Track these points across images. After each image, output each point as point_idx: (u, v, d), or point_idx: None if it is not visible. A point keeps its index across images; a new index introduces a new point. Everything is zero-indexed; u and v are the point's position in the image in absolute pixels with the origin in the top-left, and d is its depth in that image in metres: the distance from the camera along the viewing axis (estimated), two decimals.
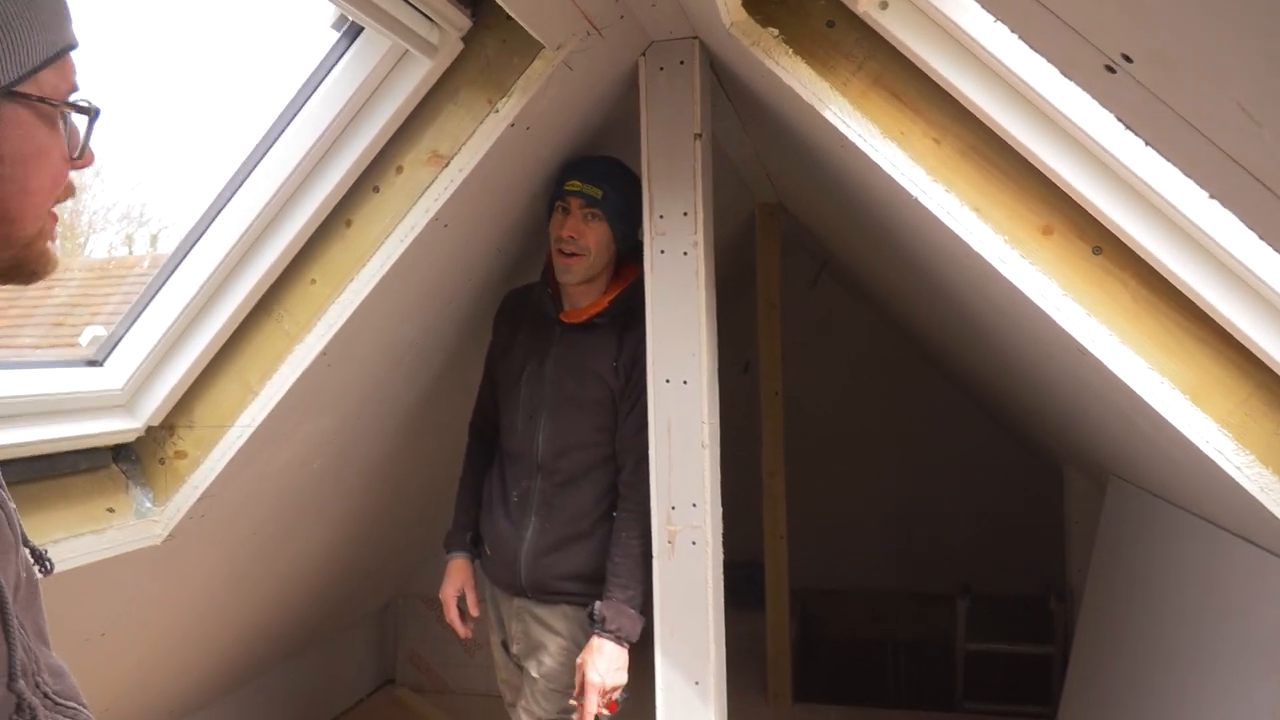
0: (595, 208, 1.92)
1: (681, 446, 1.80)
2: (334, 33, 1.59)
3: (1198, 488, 1.69)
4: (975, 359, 3.11)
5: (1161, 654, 2.01)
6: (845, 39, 1.47)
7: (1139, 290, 1.32)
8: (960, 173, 1.40)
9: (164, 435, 1.80)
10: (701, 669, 1.80)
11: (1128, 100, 0.67)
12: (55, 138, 0.68)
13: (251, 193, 1.66)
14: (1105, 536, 2.70)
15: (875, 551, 4.78)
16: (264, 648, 2.78)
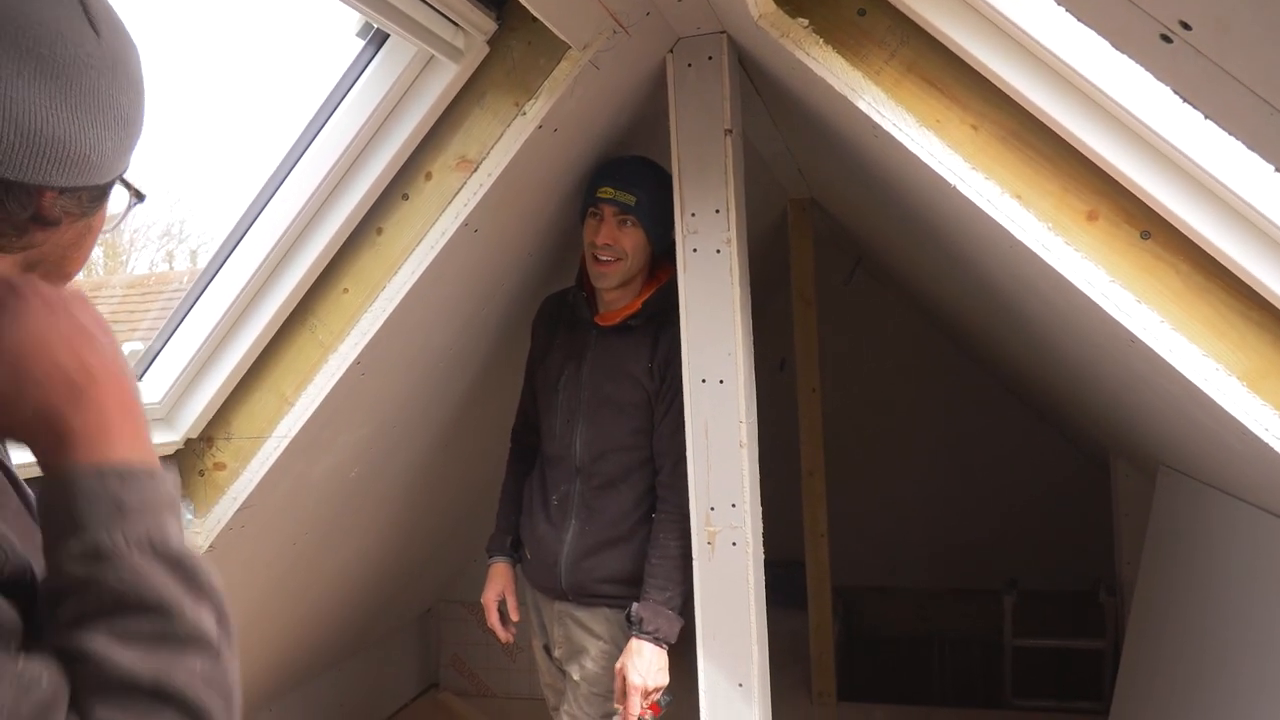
0: (629, 214, 1.90)
1: (719, 447, 1.77)
2: (359, 41, 1.59)
3: (1255, 476, 1.64)
4: (1017, 350, 3.05)
5: (1217, 647, 1.95)
6: (877, 26, 1.43)
7: (1191, 274, 1.27)
8: (1000, 159, 1.36)
9: (203, 447, 1.82)
10: (745, 670, 1.78)
11: (1186, 71, 0.64)
12: (100, 221, 0.72)
13: (282, 204, 1.66)
14: (1157, 528, 2.63)
15: (918, 547, 4.72)
16: (307, 656, 2.80)
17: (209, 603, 0.60)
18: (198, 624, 0.59)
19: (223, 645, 0.60)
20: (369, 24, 1.53)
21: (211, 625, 0.60)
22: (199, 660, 0.58)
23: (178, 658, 0.57)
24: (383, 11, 1.34)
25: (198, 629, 0.59)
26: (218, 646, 0.59)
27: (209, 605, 0.60)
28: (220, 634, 0.60)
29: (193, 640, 0.58)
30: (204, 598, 0.60)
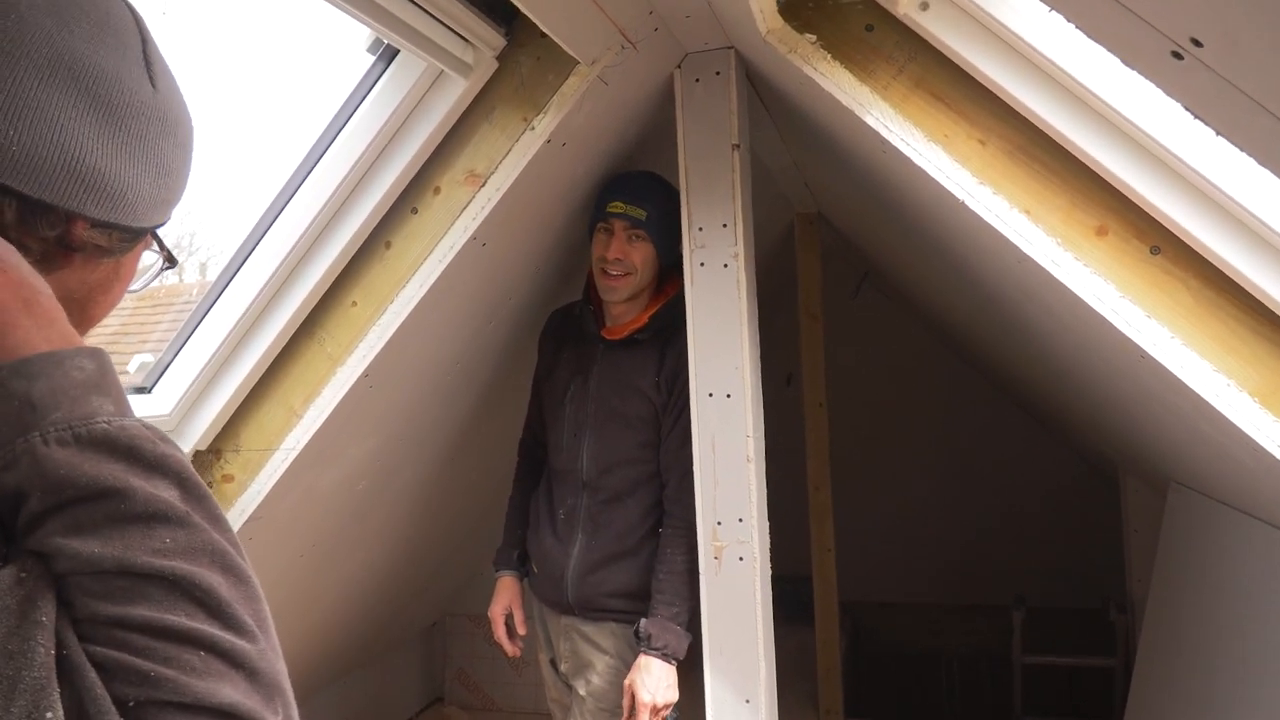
0: (640, 229, 1.91)
1: (726, 461, 1.77)
2: (369, 56, 1.60)
3: (1267, 492, 1.63)
4: (1025, 366, 3.04)
5: (1230, 665, 1.93)
6: (885, 42, 1.44)
7: (1201, 290, 1.27)
8: (1008, 174, 1.36)
9: (211, 459, 1.82)
10: (752, 686, 1.77)
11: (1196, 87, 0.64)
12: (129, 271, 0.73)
13: (292, 218, 1.67)
14: (1168, 545, 2.61)
15: (926, 563, 4.69)
16: (313, 668, 2.79)
17: (161, 473, 0.56)
18: (152, 498, 0.55)
19: (191, 509, 0.56)
20: (379, 39, 1.54)
21: (170, 494, 0.56)
22: (166, 532, 0.54)
23: (140, 535, 0.53)
24: (393, 27, 1.35)
25: (154, 503, 0.54)
26: (183, 512, 0.55)
27: (162, 476, 0.56)
28: (186, 499, 0.56)
29: (154, 515, 0.54)
30: (154, 470, 0.56)
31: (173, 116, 0.69)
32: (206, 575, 0.54)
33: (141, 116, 0.66)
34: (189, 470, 0.58)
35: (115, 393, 0.58)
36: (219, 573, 0.55)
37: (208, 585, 0.54)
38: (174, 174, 0.70)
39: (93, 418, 0.55)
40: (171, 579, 0.53)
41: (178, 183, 0.71)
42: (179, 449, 0.59)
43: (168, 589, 0.53)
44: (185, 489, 0.57)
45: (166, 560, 0.53)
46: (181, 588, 0.53)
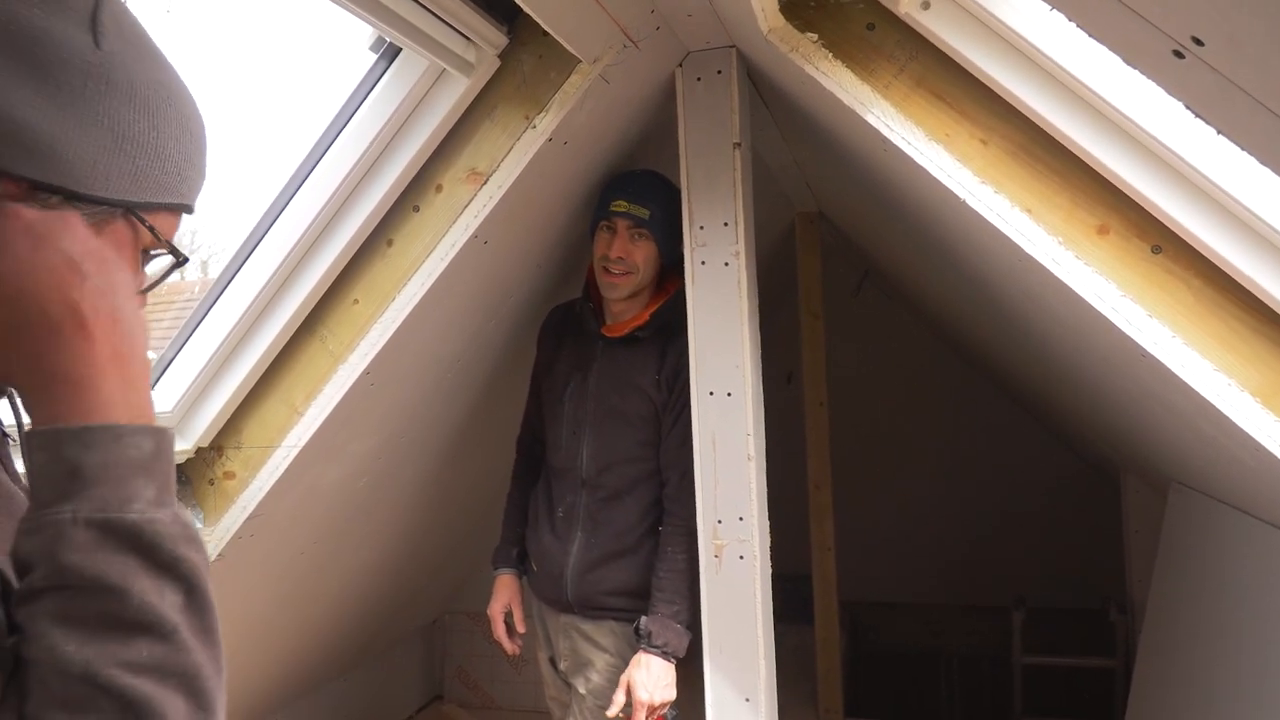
0: (643, 227, 1.91)
1: (726, 459, 1.77)
2: (372, 54, 1.60)
3: (1268, 492, 1.63)
4: (1026, 365, 3.04)
5: (1231, 666, 1.93)
6: (886, 41, 1.44)
7: (1202, 289, 1.27)
8: (1009, 173, 1.36)
9: (213, 456, 1.82)
10: (752, 684, 1.77)
11: (1198, 86, 0.64)
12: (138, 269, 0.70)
13: (294, 215, 1.67)
14: (1168, 545, 2.61)
15: (926, 563, 4.69)
16: (313, 665, 2.79)
17: (173, 575, 0.55)
18: (148, 605, 0.54)
19: (186, 620, 0.55)
20: (381, 38, 1.55)
21: (169, 604, 0.55)
22: (146, 645, 0.54)
23: (120, 644, 0.53)
24: (395, 25, 1.35)
25: (147, 611, 0.54)
26: (173, 627, 0.55)
27: (172, 578, 0.55)
28: (187, 607, 0.56)
29: (142, 624, 0.54)
30: (165, 571, 0.55)
31: (126, 80, 0.66)
32: (167, 701, 0.54)
33: (75, 71, 0.63)
34: (199, 577, 0.57)
35: (162, 478, 0.57)
36: (182, 698, 0.54)
37: (162, 712, 0.53)
38: (139, 143, 0.66)
39: (129, 503, 0.54)
40: (128, 700, 0.52)
41: (152, 155, 0.67)
42: (202, 550, 0.58)
43: (121, 709, 0.52)
44: (190, 596, 0.56)
45: (133, 678, 0.52)
46: (135, 710, 0.52)
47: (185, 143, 0.71)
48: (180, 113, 0.71)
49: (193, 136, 0.72)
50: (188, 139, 0.71)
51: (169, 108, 0.69)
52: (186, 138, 0.71)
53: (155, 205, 0.69)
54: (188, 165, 0.72)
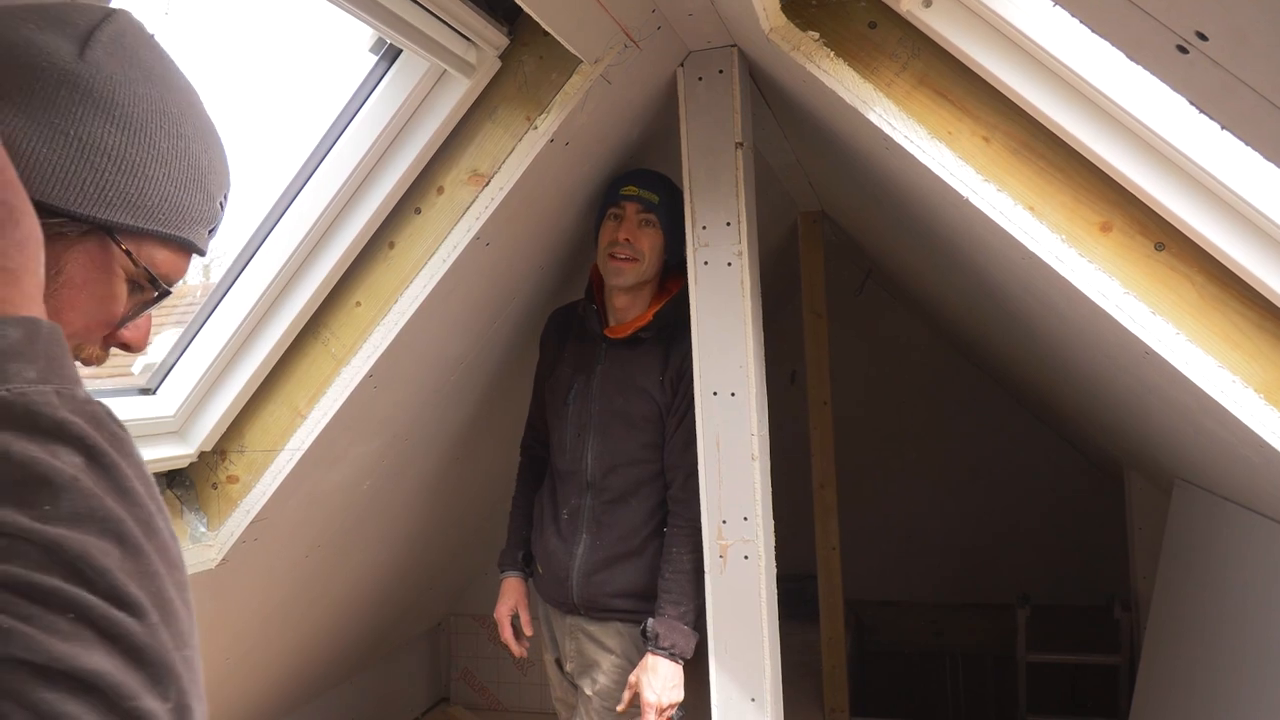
0: (651, 213, 1.91)
1: (731, 460, 1.77)
2: (372, 56, 1.60)
3: (1271, 489, 1.62)
4: (1029, 363, 3.03)
5: (1235, 662, 1.93)
6: (888, 39, 1.44)
7: (1206, 286, 1.27)
8: (1012, 171, 1.36)
9: (216, 460, 1.82)
10: (757, 684, 1.77)
11: (1202, 82, 0.64)
12: (116, 296, 0.68)
13: (295, 219, 1.67)
14: (1172, 542, 2.61)
15: (931, 562, 4.68)
16: (319, 669, 2.80)
17: (61, 441, 0.50)
18: (35, 461, 0.49)
19: (90, 477, 0.50)
20: (382, 39, 1.55)
21: (65, 463, 0.50)
22: (48, 497, 0.49)
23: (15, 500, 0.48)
24: (395, 27, 1.35)
25: (32, 466, 0.49)
26: (70, 478, 0.49)
27: (62, 443, 0.50)
28: (90, 467, 0.51)
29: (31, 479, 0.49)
30: (52, 438, 0.50)
31: (106, 93, 0.64)
32: (89, 543, 0.48)
33: (49, 79, 0.62)
34: (96, 439, 0.52)
35: (43, 360, 0.53)
36: (109, 541, 0.49)
37: (86, 552, 0.48)
38: (111, 157, 0.64)
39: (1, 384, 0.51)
40: (45, 544, 0.47)
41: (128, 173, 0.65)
42: (106, 424, 0.53)
43: (41, 552, 0.47)
44: (90, 457, 0.51)
45: (45, 525, 0.48)
46: (55, 554, 0.47)
47: (179, 169, 0.68)
48: (177, 137, 0.68)
49: (193, 166, 0.69)
50: (183, 166, 0.68)
51: (158, 129, 0.67)
52: (181, 164, 0.68)
53: (134, 229, 0.66)
54: (182, 194, 0.69)
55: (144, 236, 0.68)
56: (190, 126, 0.70)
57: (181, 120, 0.69)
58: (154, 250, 0.69)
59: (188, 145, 0.69)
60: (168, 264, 0.71)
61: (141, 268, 0.68)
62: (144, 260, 0.68)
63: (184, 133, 0.69)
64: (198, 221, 0.72)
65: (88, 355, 0.71)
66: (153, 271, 0.69)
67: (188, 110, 0.70)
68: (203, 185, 0.71)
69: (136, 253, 0.67)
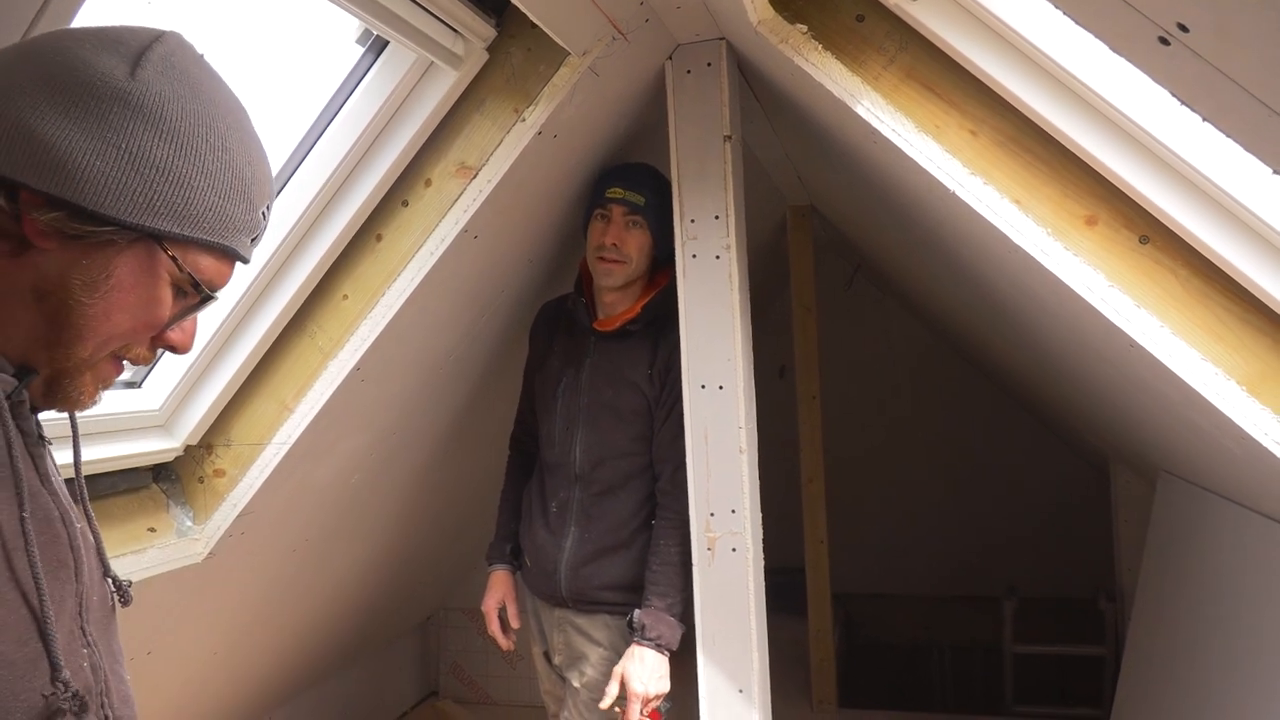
0: (638, 215, 1.91)
1: (719, 452, 1.77)
2: (359, 47, 1.59)
3: (1254, 481, 1.64)
4: (1016, 357, 3.05)
5: (1218, 652, 1.95)
6: (876, 32, 1.44)
7: (1190, 279, 1.28)
8: (998, 164, 1.36)
9: (202, 454, 1.81)
10: (745, 676, 1.77)
11: (1184, 74, 0.64)
12: (161, 300, 0.73)
13: (281, 211, 1.66)
14: (1157, 534, 2.63)
15: (918, 554, 4.71)
16: (308, 663, 2.79)
17: None
18: None
19: None
20: (368, 31, 1.54)
21: None
22: None
23: None
24: (382, 18, 1.35)
25: None
26: None
27: None
28: None
29: None
30: None
31: (156, 109, 0.69)
32: None
33: (101, 97, 0.67)
34: None
35: None
36: None
37: None
38: (160, 169, 0.69)
39: None
40: None
41: (175, 184, 0.70)
42: None
43: None
44: None
45: None
46: None
47: (223, 180, 0.73)
48: (222, 150, 0.72)
49: (237, 177, 0.74)
50: (228, 177, 0.73)
51: (204, 143, 0.71)
52: (226, 175, 0.73)
53: (180, 237, 0.71)
54: (226, 204, 0.73)
55: (189, 244, 0.73)
56: (235, 140, 0.74)
57: (228, 134, 0.74)
58: (199, 257, 0.74)
59: (232, 158, 0.74)
60: (211, 270, 0.75)
61: (186, 273, 0.73)
62: (189, 267, 0.73)
63: (229, 146, 0.73)
64: (241, 230, 0.76)
65: (134, 355, 0.76)
66: (197, 277, 0.74)
67: (234, 125, 0.75)
68: (246, 195, 0.75)
69: (182, 259, 0.72)
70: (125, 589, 0.85)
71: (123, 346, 0.74)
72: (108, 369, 0.76)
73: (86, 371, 0.74)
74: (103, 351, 0.73)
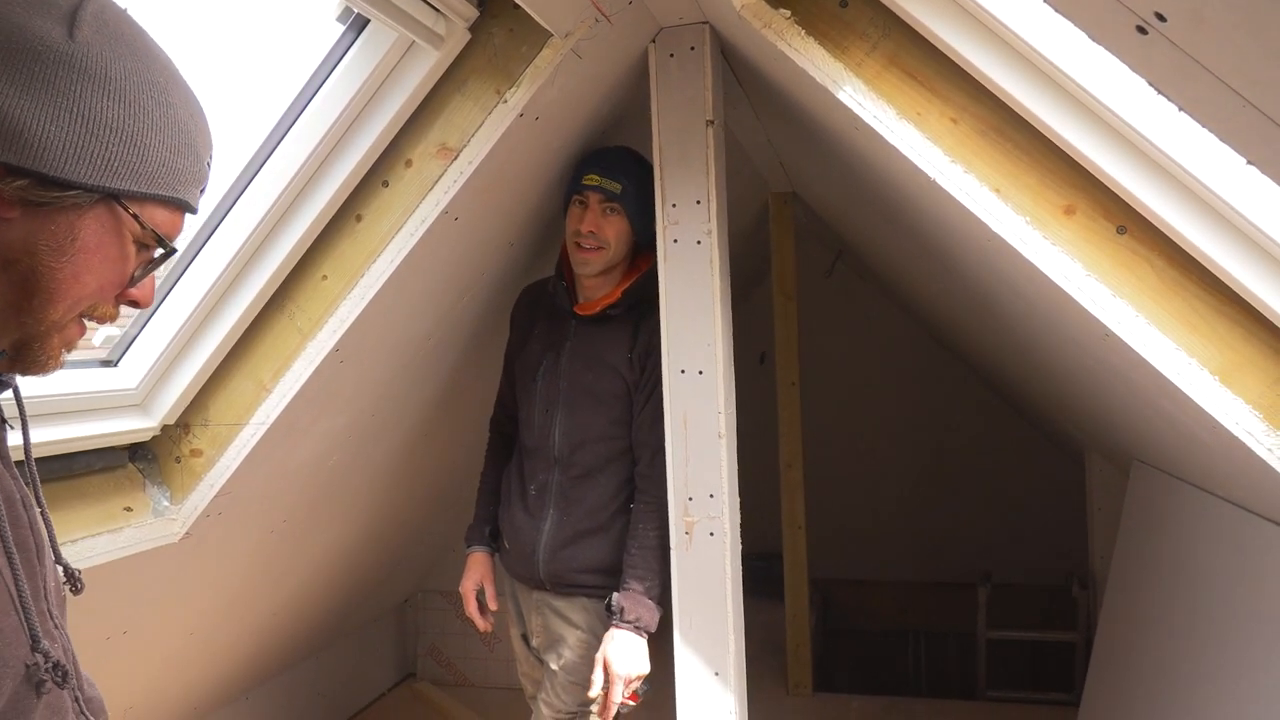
0: (615, 202, 1.90)
1: (698, 437, 1.78)
2: (339, 26, 1.57)
3: (1226, 471, 1.66)
4: (994, 345, 3.07)
5: (1187, 639, 1.98)
6: (859, 18, 1.44)
7: (1166, 270, 1.29)
8: (979, 153, 1.37)
9: (179, 433, 1.80)
10: (721, 660, 1.79)
11: (1161, 63, 0.64)
12: (126, 257, 0.75)
13: (260, 190, 1.65)
14: (1129, 522, 2.66)
15: (895, 541, 4.75)
16: (286, 644, 2.79)
17: None
18: None
19: None
20: (349, 8, 1.52)
21: None
22: None
23: None
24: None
25: None
26: None
27: None
28: None
29: None
30: None
31: (100, 70, 0.69)
32: None
33: (46, 62, 0.67)
34: None
35: None
36: None
37: None
38: (113, 129, 0.69)
39: None
40: None
41: (128, 143, 0.71)
42: None
43: None
44: None
45: None
46: None
47: (172, 135, 0.74)
48: (166, 105, 0.74)
49: (183, 131, 0.75)
50: (175, 132, 0.74)
51: (149, 100, 0.72)
52: (173, 130, 0.74)
53: (138, 194, 0.73)
54: (176, 158, 0.75)
55: (147, 200, 0.74)
56: (176, 94, 0.75)
57: (169, 89, 0.75)
58: (155, 211, 0.75)
59: (176, 112, 0.75)
60: (167, 223, 0.77)
61: (149, 230, 0.75)
62: (149, 222, 0.75)
63: (171, 101, 0.75)
64: (191, 183, 0.78)
65: (101, 314, 0.78)
66: (158, 232, 0.76)
67: (171, 78, 0.76)
68: (193, 148, 0.77)
69: (142, 216, 0.74)
70: (77, 577, 0.86)
71: (90, 307, 0.76)
72: (74, 330, 0.77)
73: (55, 335, 0.75)
74: (72, 313, 0.74)
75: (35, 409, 1.52)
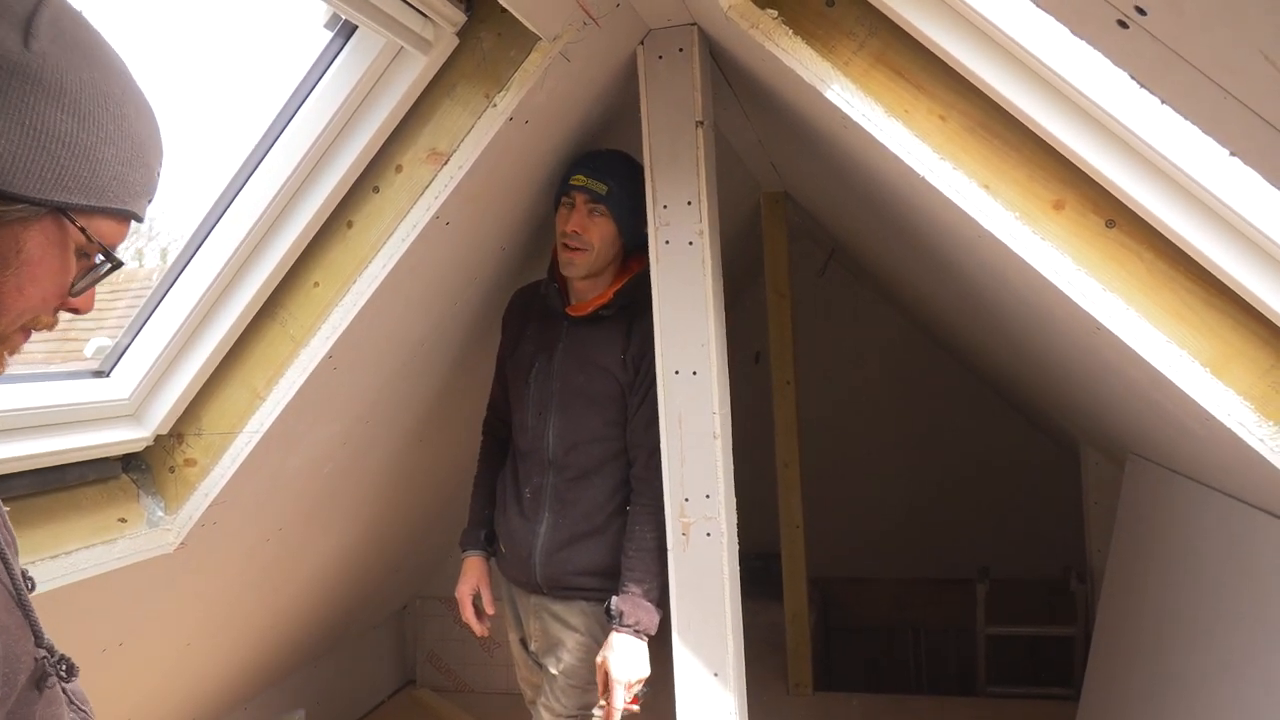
0: (600, 203, 1.90)
1: (693, 438, 1.78)
2: (327, 32, 1.57)
3: (1220, 462, 1.66)
4: (987, 341, 3.08)
5: (1186, 631, 1.99)
6: (846, 17, 1.44)
7: (1155, 263, 1.29)
8: (967, 149, 1.37)
9: (173, 443, 1.80)
10: (720, 660, 1.79)
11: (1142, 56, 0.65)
12: (68, 268, 0.74)
13: (251, 197, 1.65)
14: (1125, 515, 2.67)
15: (892, 538, 4.76)
16: (284, 653, 2.78)
17: None
18: None
19: None
20: (337, 15, 1.52)
21: None
22: None
23: None
24: (350, 3, 1.33)
25: None
26: None
27: None
28: None
29: None
30: None
31: (55, 81, 0.68)
32: None
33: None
34: None
35: None
36: None
37: None
38: (65, 143, 0.68)
39: None
40: None
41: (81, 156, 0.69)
42: None
43: None
44: None
45: None
46: None
47: (124, 148, 0.73)
48: (120, 118, 0.72)
49: (135, 144, 0.74)
50: (128, 145, 0.73)
51: (104, 112, 0.71)
52: (126, 143, 0.73)
53: (86, 208, 0.71)
54: (128, 171, 0.73)
55: (95, 213, 0.73)
56: (130, 105, 0.74)
57: (123, 100, 0.73)
58: (101, 224, 0.74)
59: (130, 124, 0.73)
60: (113, 234, 0.76)
61: (96, 243, 0.73)
62: (96, 235, 0.73)
63: (125, 113, 0.73)
64: (141, 195, 0.76)
65: (43, 324, 0.77)
66: (104, 244, 0.74)
67: (126, 88, 0.74)
68: (144, 160, 0.76)
69: (89, 228, 0.72)
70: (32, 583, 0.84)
71: (32, 319, 0.75)
72: (18, 340, 0.76)
73: (1, 346, 0.74)
74: (16, 324, 0.73)
75: (27, 421, 1.51)
